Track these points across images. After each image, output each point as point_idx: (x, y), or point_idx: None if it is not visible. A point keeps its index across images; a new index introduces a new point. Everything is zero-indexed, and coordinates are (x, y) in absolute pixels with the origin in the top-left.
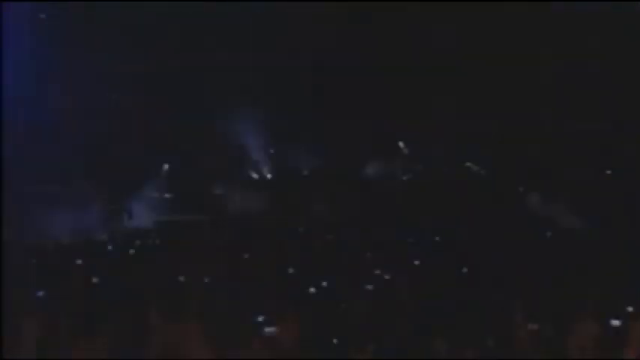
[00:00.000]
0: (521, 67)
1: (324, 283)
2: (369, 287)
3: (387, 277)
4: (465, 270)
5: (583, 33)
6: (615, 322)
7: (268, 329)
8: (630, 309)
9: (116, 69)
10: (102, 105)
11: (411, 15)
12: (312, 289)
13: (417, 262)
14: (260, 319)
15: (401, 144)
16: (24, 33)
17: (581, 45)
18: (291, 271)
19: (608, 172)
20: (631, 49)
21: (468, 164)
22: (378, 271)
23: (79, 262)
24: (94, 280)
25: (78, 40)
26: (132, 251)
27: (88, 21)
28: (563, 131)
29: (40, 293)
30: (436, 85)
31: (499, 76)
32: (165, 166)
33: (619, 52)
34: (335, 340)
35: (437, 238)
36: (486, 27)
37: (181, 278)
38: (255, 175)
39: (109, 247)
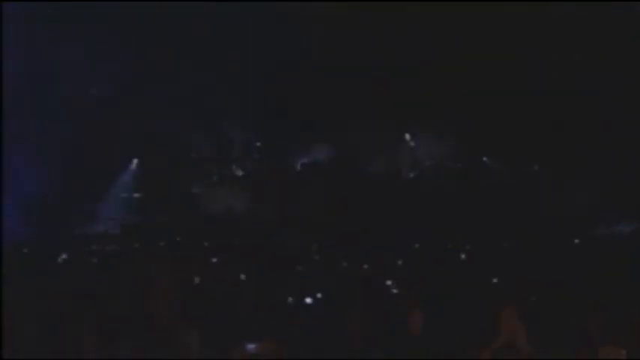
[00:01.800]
0: (527, 65)
1: (319, 295)
2: (371, 298)
3: (393, 289)
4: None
5: (583, 33)
6: None
7: (250, 346)
8: None
9: (94, 65)
10: (77, 100)
11: (415, 12)
12: (308, 300)
13: (425, 271)
14: (242, 335)
15: (407, 136)
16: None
17: (581, 45)
18: (281, 280)
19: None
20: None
21: (485, 159)
22: (379, 280)
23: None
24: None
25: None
26: (94, 260)
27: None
28: (575, 127)
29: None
30: (446, 80)
31: (512, 71)
32: (135, 162)
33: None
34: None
35: (448, 245)
36: (491, 25)
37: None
38: (240, 173)
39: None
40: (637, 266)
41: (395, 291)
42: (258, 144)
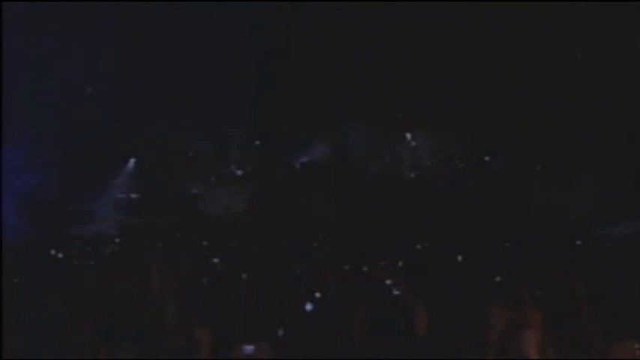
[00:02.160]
0: (529, 65)
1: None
2: (373, 299)
3: (394, 291)
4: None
5: (583, 32)
6: None
7: (247, 348)
8: None
9: (92, 64)
10: (72, 98)
11: (417, 11)
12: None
13: (427, 272)
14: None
15: (408, 135)
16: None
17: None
18: (280, 280)
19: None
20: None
21: (487, 159)
22: (380, 281)
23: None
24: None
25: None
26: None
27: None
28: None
29: None
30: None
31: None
32: (132, 162)
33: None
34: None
35: (449, 246)
36: (494, 23)
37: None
38: (238, 172)
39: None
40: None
41: (396, 292)
42: (258, 142)
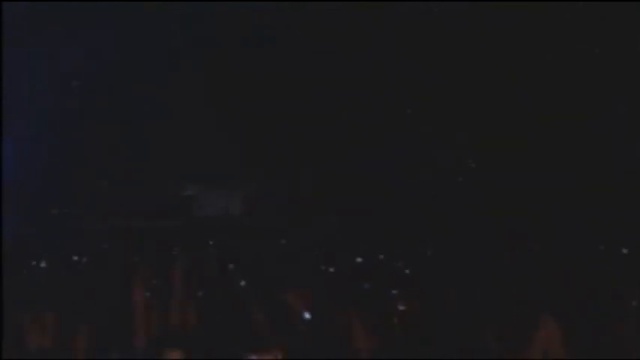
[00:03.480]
0: (527, 65)
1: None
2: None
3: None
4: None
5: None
6: None
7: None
8: None
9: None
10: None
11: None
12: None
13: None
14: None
15: (413, 135)
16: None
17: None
18: (281, 286)
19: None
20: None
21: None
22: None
23: None
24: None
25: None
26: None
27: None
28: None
29: None
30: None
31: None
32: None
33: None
34: None
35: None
36: (490, 25)
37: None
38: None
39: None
40: None
41: (403, 303)
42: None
